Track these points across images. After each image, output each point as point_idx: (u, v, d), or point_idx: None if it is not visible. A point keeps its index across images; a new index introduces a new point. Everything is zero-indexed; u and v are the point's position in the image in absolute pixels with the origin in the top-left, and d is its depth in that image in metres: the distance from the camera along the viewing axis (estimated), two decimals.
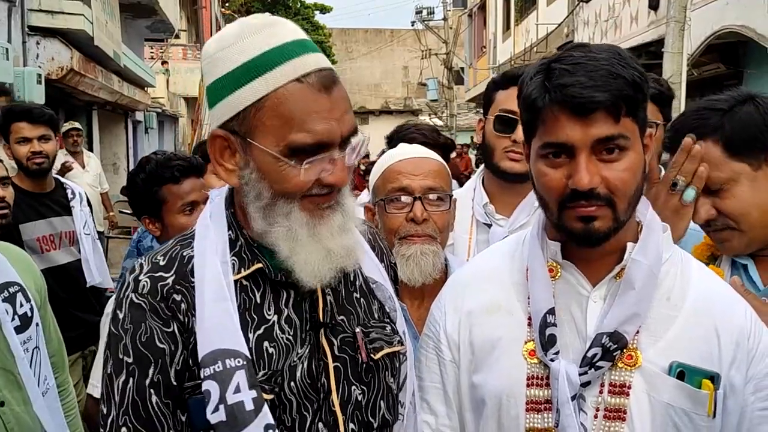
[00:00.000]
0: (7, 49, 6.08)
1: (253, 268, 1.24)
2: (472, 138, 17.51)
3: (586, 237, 1.25)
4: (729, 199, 1.56)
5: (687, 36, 8.32)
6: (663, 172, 2.50)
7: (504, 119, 2.13)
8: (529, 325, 1.33)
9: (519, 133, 2.07)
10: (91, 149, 10.29)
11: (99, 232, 8.10)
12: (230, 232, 1.26)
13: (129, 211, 8.84)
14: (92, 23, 8.00)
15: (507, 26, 21.91)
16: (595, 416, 1.26)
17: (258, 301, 1.24)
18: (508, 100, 2.13)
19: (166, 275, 1.22)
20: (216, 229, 1.25)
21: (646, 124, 1.28)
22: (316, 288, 1.26)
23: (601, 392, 1.27)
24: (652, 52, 9.68)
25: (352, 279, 1.36)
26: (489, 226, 2.16)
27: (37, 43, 7.56)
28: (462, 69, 29.60)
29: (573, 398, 1.25)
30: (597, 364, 1.25)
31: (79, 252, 3.63)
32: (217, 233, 1.25)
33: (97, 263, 3.68)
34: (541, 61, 1.28)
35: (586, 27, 13.39)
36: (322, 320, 1.27)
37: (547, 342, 1.29)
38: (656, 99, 2.08)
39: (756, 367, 1.27)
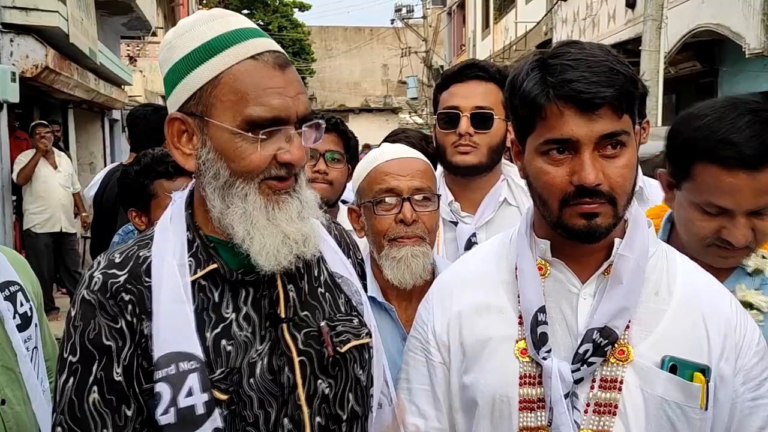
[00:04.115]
0: None
1: (208, 269, 1.24)
2: None
3: (589, 234, 1.24)
4: (766, 221, 1.47)
5: (664, 34, 8.42)
6: (639, 170, 2.53)
7: (446, 116, 2.15)
8: (520, 323, 1.33)
9: (463, 126, 2.09)
10: (67, 148, 10.11)
11: (73, 234, 7.97)
12: (188, 233, 1.27)
13: None
14: (67, 20, 7.85)
15: (486, 24, 21.99)
16: (586, 411, 1.26)
17: (216, 300, 1.24)
18: (449, 98, 2.17)
19: (119, 273, 1.22)
20: (175, 231, 1.26)
21: (636, 120, 1.29)
22: (277, 285, 1.28)
23: (592, 388, 1.27)
24: (629, 50, 9.77)
25: (316, 275, 1.36)
26: (455, 224, 2.15)
27: (11, 41, 7.41)
28: (442, 67, 29.60)
29: (566, 396, 1.25)
30: (589, 360, 1.25)
31: None
32: (176, 235, 1.26)
33: None
34: (532, 58, 1.27)
35: (565, 25, 13.48)
36: (284, 316, 1.27)
37: (539, 340, 1.28)
38: None
39: (744, 358, 1.29)
